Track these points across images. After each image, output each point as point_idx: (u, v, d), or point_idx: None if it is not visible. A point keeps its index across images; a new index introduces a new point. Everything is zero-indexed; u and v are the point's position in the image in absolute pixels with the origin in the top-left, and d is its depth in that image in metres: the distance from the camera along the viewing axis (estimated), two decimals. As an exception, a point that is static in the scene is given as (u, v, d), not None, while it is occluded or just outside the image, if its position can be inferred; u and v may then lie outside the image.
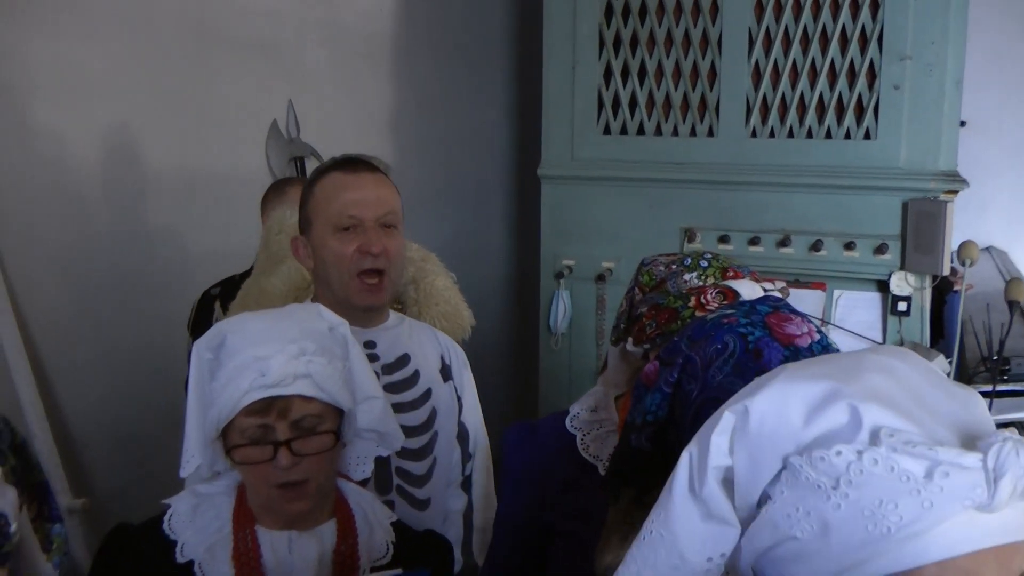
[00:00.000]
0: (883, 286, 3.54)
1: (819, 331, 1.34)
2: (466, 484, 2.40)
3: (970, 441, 0.88)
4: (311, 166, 3.64)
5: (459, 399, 2.36)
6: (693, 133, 3.80)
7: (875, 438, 0.87)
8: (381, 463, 2.06)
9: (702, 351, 1.30)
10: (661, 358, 1.38)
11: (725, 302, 1.73)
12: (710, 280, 1.77)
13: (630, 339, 1.84)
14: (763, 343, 1.27)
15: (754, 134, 3.69)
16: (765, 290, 1.68)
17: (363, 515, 1.77)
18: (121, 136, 3.23)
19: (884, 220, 3.50)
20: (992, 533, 0.85)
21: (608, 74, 3.89)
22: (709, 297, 1.74)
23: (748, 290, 1.73)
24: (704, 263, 1.80)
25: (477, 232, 4.09)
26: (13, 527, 1.21)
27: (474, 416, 2.42)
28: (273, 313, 1.78)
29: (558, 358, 4.13)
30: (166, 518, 1.72)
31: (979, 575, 0.86)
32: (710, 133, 3.76)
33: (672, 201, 3.81)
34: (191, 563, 1.66)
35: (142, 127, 3.29)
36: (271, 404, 1.59)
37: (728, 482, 0.97)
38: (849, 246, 3.54)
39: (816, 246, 3.57)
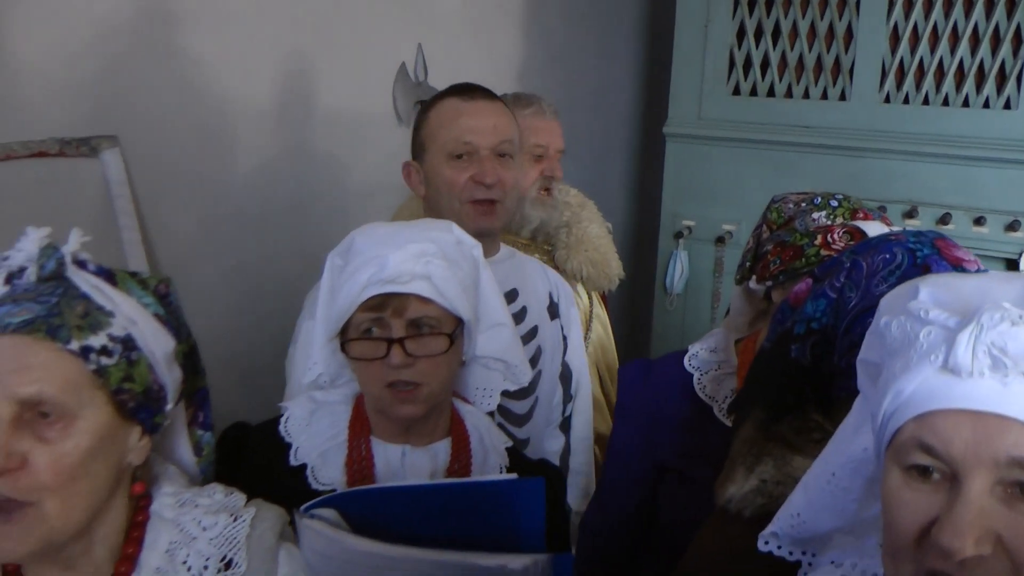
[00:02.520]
0: (1012, 265, 3.41)
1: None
2: (565, 425, 2.36)
3: None
4: (438, 111, 3.67)
5: (565, 338, 2.33)
6: (824, 96, 3.72)
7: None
8: None
9: (870, 258, 1.28)
10: (815, 275, 1.36)
11: (852, 242, 1.71)
12: (838, 220, 1.75)
13: (753, 277, 1.84)
14: (932, 260, 1.24)
15: (887, 100, 3.59)
16: (894, 235, 1.65)
17: (479, 437, 1.77)
18: (250, 70, 3.30)
19: (1018, 196, 3.38)
20: (962, 397, 0.86)
21: (741, 33, 3.84)
22: (836, 236, 1.72)
23: (876, 231, 1.70)
24: (834, 203, 1.79)
25: (596, 189, 4.05)
26: (169, 405, 1.27)
27: (578, 357, 2.38)
28: (404, 223, 1.79)
29: (672, 319, 4.11)
30: (282, 421, 1.75)
31: (952, 440, 0.86)
32: (842, 97, 3.67)
33: (797, 165, 3.74)
34: (304, 466, 1.69)
35: (271, 63, 3.37)
36: (387, 300, 1.60)
37: None
38: (979, 221, 3.43)
39: (944, 219, 3.46)
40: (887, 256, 1.27)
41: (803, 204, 1.80)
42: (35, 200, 2.64)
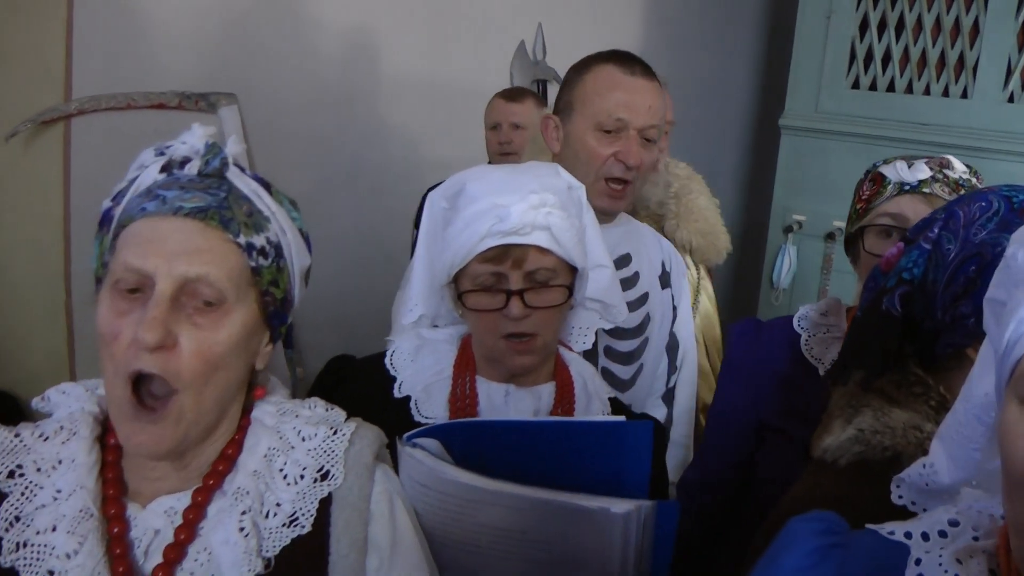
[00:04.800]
0: None
1: None
2: (668, 397, 2.31)
3: None
4: (552, 91, 3.69)
5: (674, 308, 2.28)
6: (945, 93, 3.64)
7: None
8: (588, 358, 1.99)
9: (965, 207, 1.26)
10: (907, 237, 1.35)
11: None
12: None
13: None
14: None
15: (1011, 99, 3.49)
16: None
17: (582, 384, 1.76)
18: (369, 36, 3.37)
19: None
20: None
21: (864, 26, 3.77)
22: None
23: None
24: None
25: (707, 178, 4.03)
26: (290, 319, 1.32)
27: (686, 328, 2.34)
28: (512, 167, 1.76)
29: (776, 314, 4.05)
30: (388, 354, 1.76)
31: None
32: (964, 95, 3.59)
33: (914, 163, 3.66)
34: (407, 399, 1.69)
35: (390, 30, 3.42)
36: (507, 252, 1.59)
37: None
38: (1107, 228, 3.31)
39: (1069, 225, 3.35)
40: (983, 204, 1.24)
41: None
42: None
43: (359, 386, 1.73)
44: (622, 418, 1.50)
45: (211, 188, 1.20)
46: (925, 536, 1.02)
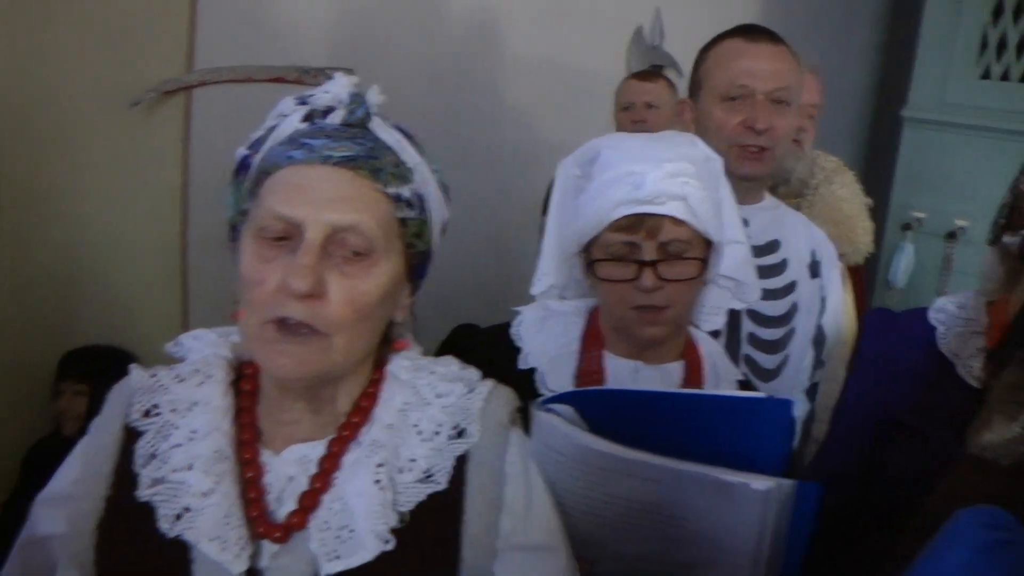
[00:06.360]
0: None
1: None
2: (811, 392, 2.22)
3: None
4: (670, 77, 3.64)
5: (823, 300, 2.20)
6: (1086, 84, 3.49)
7: None
8: (730, 346, 1.96)
9: None
10: None
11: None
12: None
13: (1007, 233, 1.75)
14: None
15: None
16: None
17: (712, 364, 1.71)
18: (487, 16, 3.36)
19: None
20: None
21: (998, 12, 3.63)
22: None
23: None
24: None
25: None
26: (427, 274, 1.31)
27: (835, 321, 2.24)
28: (648, 135, 1.72)
29: (890, 315, 3.94)
30: (515, 324, 1.73)
31: None
32: (1106, 86, 3.44)
33: (1048, 160, 3.52)
34: (533, 371, 1.67)
35: (508, 10, 3.41)
36: (641, 221, 1.54)
37: None
38: None
39: None
40: None
41: None
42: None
43: (483, 355, 1.69)
44: (762, 394, 1.44)
45: (357, 137, 1.18)
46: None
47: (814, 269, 2.18)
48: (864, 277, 4.40)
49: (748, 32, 2.07)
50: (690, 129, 2.11)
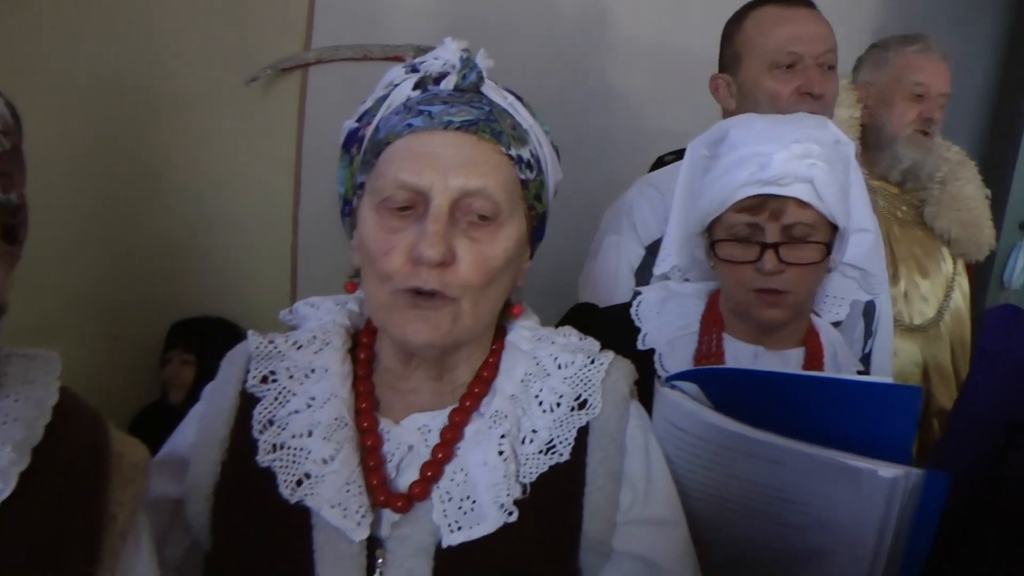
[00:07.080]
0: None
1: None
2: (864, 362, 2.13)
3: None
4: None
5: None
6: None
7: None
8: None
9: None
10: None
11: None
12: None
13: None
14: None
15: None
16: None
17: (832, 353, 1.68)
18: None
19: None
20: None
21: None
22: None
23: None
24: None
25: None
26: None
27: (883, 291, 2.15)
28: (778, 116, 1.70)
29: (1003, 317, 3.82)
30: (635, 304, 1.72)
31: None
32: None
33: None
34: (652, 352, 1.65)
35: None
36: (765, 202, 1.52)
37: None
38: None
39: None
40: None
41: None
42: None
43: (602, 334, 1.70)
44: (890, 380, 1.40)
45: (473, 102, 1.18)
46: None
47: None
48: (976, 275, 4.30)
49: None
50: (729, 103, 2.12)
